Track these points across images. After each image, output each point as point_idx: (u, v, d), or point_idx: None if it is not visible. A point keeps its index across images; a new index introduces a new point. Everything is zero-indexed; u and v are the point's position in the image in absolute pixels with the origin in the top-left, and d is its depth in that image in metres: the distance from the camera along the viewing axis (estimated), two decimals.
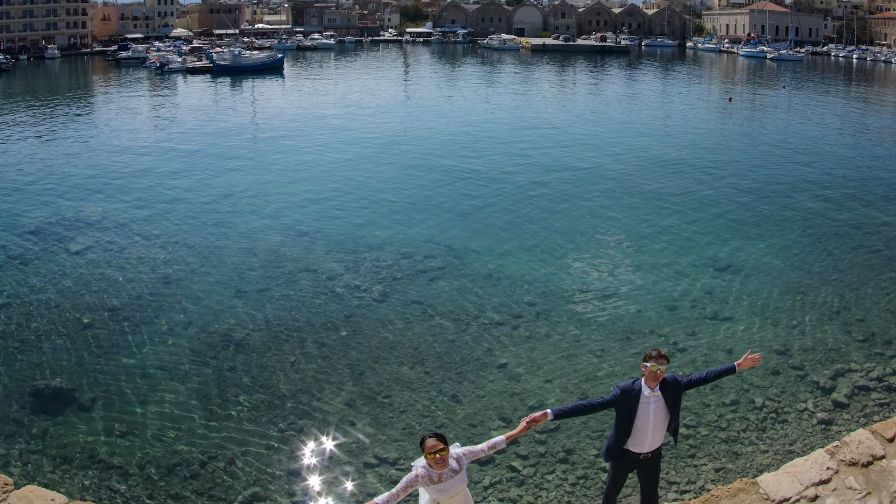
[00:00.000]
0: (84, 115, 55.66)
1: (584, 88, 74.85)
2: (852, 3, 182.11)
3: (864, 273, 21.54)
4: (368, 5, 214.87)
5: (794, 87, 76.56)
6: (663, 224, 26.48)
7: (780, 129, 49.33)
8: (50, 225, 26.48)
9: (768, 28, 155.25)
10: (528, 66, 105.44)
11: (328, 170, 35.69)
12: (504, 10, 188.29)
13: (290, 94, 68.87)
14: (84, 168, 36.39)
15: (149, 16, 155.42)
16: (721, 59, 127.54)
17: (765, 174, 34.89)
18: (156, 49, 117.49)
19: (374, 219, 27.22)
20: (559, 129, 47.72)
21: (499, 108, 58.27)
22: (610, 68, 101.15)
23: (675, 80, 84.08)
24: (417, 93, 69.84)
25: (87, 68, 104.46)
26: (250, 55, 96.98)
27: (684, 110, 57.91)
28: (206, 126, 49.16)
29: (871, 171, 35.64)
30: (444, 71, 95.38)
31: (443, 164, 36.56)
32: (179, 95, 68.51)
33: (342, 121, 50.91)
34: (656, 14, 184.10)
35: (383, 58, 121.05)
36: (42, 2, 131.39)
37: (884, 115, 57.99)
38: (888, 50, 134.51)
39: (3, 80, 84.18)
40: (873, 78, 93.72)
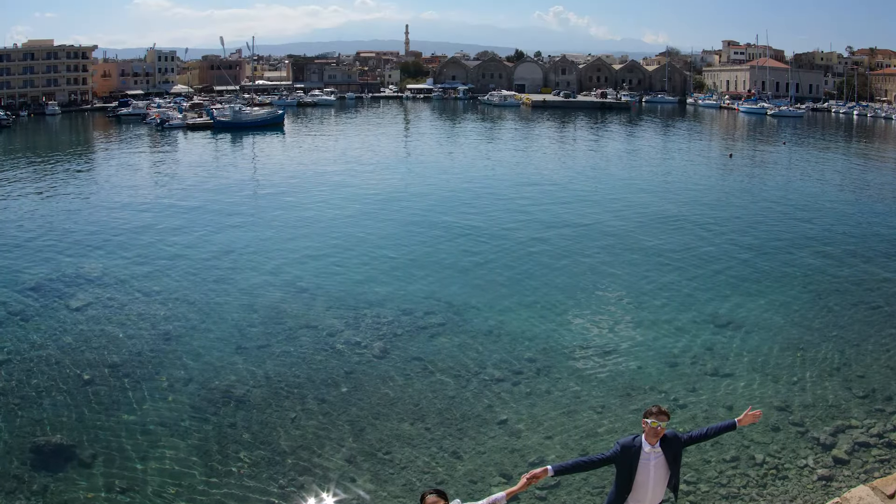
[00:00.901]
0: (85, 172, 56.89)
1: (585, 145, 76.50)
2: (853, 59, 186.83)
3: (864, 329, 22.01)
4: (369, 62, 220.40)
5: (794, 144, 78.22)
6: (664, 280, 27.06)
7: (781, 185, 50.40)
8: (50, 281, 27.07)
9: (769, 84, 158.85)
10: (528, 122, 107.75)
11: (329, 226, 36.48)
12: (504, 66, 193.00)
13: (291, 150, 70.40)
14: (84, 224, 37.20)
15: (149, 72, 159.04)
16: (722, 115, 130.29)
17: (765, 230, 35.66)
18: (156, 105, 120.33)
19: (375, 275, 27.83)
20: (560, 186, 48.77)
21: (499, 165, 59.55)
22: (610, 124, 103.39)
23: (676, 137, 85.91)
24: (418, 149, 71.38)
25: (87, 124, 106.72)
26: (251, 111, 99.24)
27: (685, 167, 59.16)
28: (207, 182, 50.25)
29: (871, 228, 36.41)
30: (444, 127, 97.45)
31: (443, 221, 37.36)
32: (180, 152, 70.03)
33: (343, 177, 52.06)
34: (657, 70, 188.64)
35: (384, 114, 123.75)
36: (42, 58, 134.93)
37: (884, 171, 59.23)
38: (888, 106, 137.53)
39: (3, 137, 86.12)
40: (874, 134, 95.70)
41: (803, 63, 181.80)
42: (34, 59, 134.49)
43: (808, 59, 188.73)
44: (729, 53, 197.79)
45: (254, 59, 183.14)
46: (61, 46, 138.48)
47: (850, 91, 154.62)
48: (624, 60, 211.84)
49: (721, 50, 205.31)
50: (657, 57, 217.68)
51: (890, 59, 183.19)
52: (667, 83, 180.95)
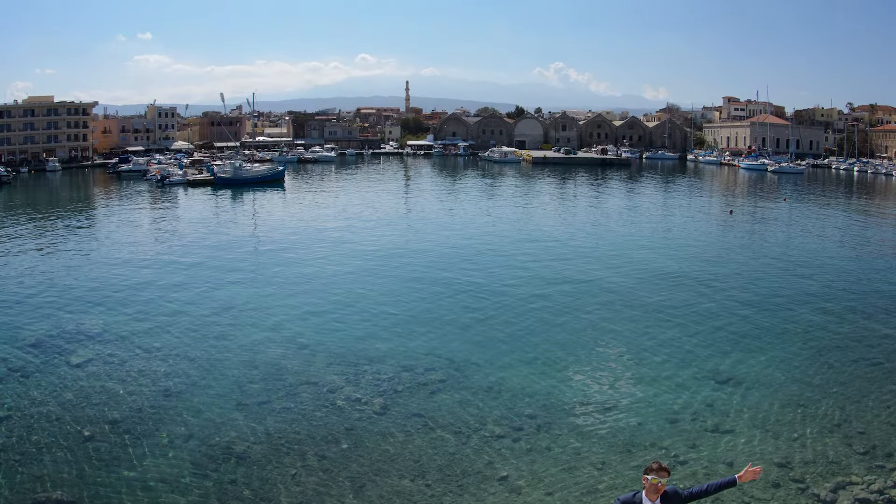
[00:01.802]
0: (85, 228, 57.82)
1: (585, 201, 77.72)
2: (853, 115, 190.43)
3: (865, 386, 22.36)
4: (369, 118, 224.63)
5: (795, 200, 79.46)
6: (664, 337, 27.49)
7: (781, 241, 51.18)
8: (51, 338, 27.52)
9: (769, 140, 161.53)
10: (529, 178, 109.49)
11: (329, 282, 37.05)
12: (505, 122, 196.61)
13: (292, 206, 71.56)
14: (85, 281, 37.79)
15: (150, 128, 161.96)
16: (722, 171, 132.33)
17: (766, 287, 36.22)
18: (157, 162, 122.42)
19: (375, 331, 28.28)
20: (560, 242, 49.54)
21: (500, 221, 60.50)
22: (611, 181, 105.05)
23: (677, 193, 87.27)
24: (418, 205, 72.52)
25: (87, 181, 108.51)
26: (251, 168, 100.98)
27: (685, 223, 60.09)
28: (207, 239, 51.06)
29: (871, 284, 36.97)
30: (444, 183, 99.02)
31: (444, 277, 37.96)
32: (180, 208, 71.18)
33: (343, 233, 52.91)
34: (657, 127, 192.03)
35: (384, 170, 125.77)
36: (43, 114, 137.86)
37: (884, 227, 60.13)
38: (889, 163, 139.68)
39: (4, 193, 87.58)
40: (874, 191, 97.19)
41: (804, 119, 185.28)
42: (35, 115, 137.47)
43: (809, 115, 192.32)
44: (729, 109, 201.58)
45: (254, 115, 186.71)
46: (62, 103, 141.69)
47: (851, 147, 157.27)
48: (624, 117, 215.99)
49: (721, 106, 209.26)
50: (658, 113, 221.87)
51: (890, 115, 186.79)
52: (667, 139, 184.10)
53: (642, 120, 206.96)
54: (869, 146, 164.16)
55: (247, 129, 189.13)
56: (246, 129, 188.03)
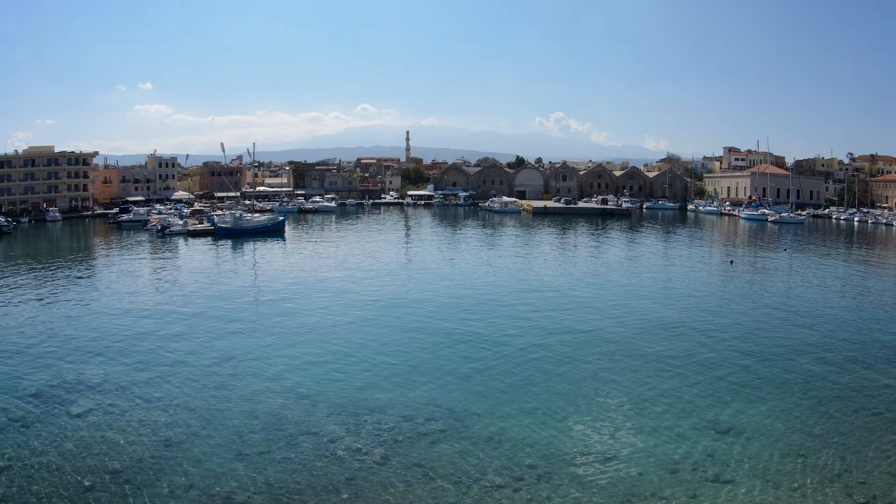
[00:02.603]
0: (85, 278, 58.34)
1: (586, 251, 78.40)
2: (854, 165, 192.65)
3: (865, 436, 22.61)
4: (370, 168, 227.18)
5: (795, 250, 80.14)
6: (665, 387, 27.78)
7: (782, 291, 51.66)
8: (51, 387, 27.83)
9: (769, 191, 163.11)
10: (529, 228, 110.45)
11: (329, 332, 37.42)
12: (505, 172, 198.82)
13: (292, 256, 72.18)
14: (85, 331, 38.19)
15: (150, 178, 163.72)
16: (722, 221, 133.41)
17: (766, 337, 36.59)
18: (157, 212, 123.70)
19: (376, 381, 28.59)
20: (560, 292, 50.01)
21: (500, 271, 61.07)
22: (611, 231, 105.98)
23: (677, 243, 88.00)
24: (419, 255, 73.15)
25: (88, 231, 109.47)
26: (251, 218, 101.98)
27: (686, 273, 60.63)
28: (208, 289, 51.55)
29: (872, 334, 37.32)
30: (445, 234, 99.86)
31: (444, 327, 38.35)
32: (181, 258, 71.81)
33: (343, 283, 53.43)
34: (657, 177, 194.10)
35: (385, 220, 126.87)
36: (43, 164, 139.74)
37: (885, 277, 60.63)
38: (889, 213, 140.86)
39: (4, 243, 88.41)
40: (875, 241, 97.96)
41: (804, 169, 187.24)
42: (35, 165, 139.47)
43: (809, 165, 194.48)
44: (730, 160, 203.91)
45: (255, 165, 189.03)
46: (62, 153, 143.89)
47: (851, 197, 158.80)
48: (625, 167, 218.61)
49: (722, 156, 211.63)
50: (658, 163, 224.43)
51: (891, 165, 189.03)
52: (668, 189, 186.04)
53: (643, 170, 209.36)
54: (869, 196, 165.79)
55: (247, 179, 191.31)
56: (246, 180, 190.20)
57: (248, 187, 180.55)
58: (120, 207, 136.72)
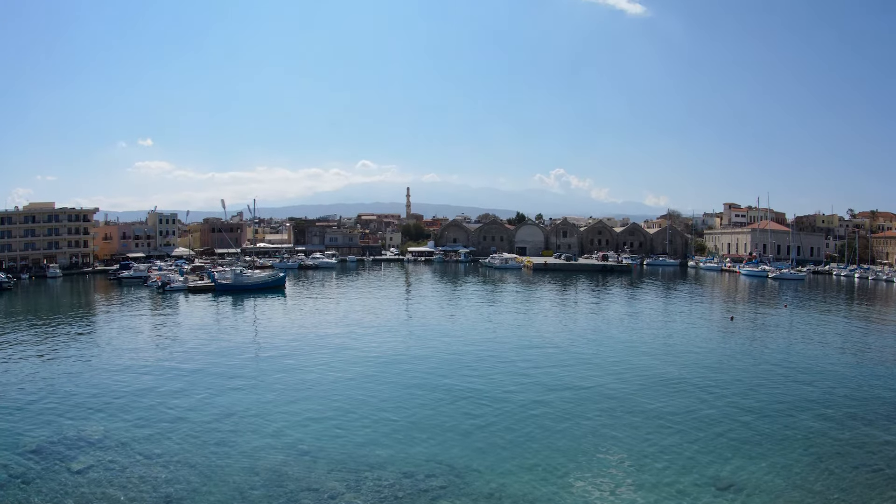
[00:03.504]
0: (86, 334, 58.63)
1: (586, 307, 78.75)
2: (854, 222, 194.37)
3: (865, 493, 22.76)
4: (370, 224, 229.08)
5: (795, 307, 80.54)
6: (665, 443, 27.96)
7: (782, 348, 51.91)
8: (52, 444, 28.02)
9: (770, 247, 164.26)
10: (529, 284, 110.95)
11: (330, 389, 37.64)
12: (506, 228, 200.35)
13: (292, 313, 72.53)
14: (86, 387, 38.42)
15: (150, 235, 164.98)
16: (723, 277, 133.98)
17: (766, 393, 36.80)
18: (157, 268, 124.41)
19: (376, 437, 28.78)
20: (561, 349, 50.30)
21: (501, 327, 61.37)
22: (612, 287, 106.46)
23: (677, 300, 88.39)
24: (419, 312, 73.51)
25: (88, 287, 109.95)
26: (252, 274, 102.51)
27: (686, 329, 60.93)
28: (208, 345, 51.85)
29: (872, 391, 37.54)
30: (445, 290, 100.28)
31: (444, 383, 38.58)
32: (181, 314, 72.15)
33: (344, 340, 53.74)
34: (658, 233, 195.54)
35: (385, 277, 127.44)
36: (44, 220, 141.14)
37: (885, 334, 60.91)
38: (890, 269, 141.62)
39: (4, 299, 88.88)
40: (875, 297, 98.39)
41: (804, 226, 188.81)
42: (35, 221, 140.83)
43: (810, 221, 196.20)
44: (730, 216, 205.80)
45: (255, 221, 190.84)
46: (63, 209, 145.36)
47: (852, 254, 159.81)
48: (625, 223, 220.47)
49: (722, 212, 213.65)
50: (658, 219, 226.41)
51: (891, 221, 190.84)
52: (668, 246, 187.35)
53: (643, 226, 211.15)
54: (870, 252, 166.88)
55: (248, 235, 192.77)
56: (247, 236, 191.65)
57: (248, 244, 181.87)
58: (120, 264, 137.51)
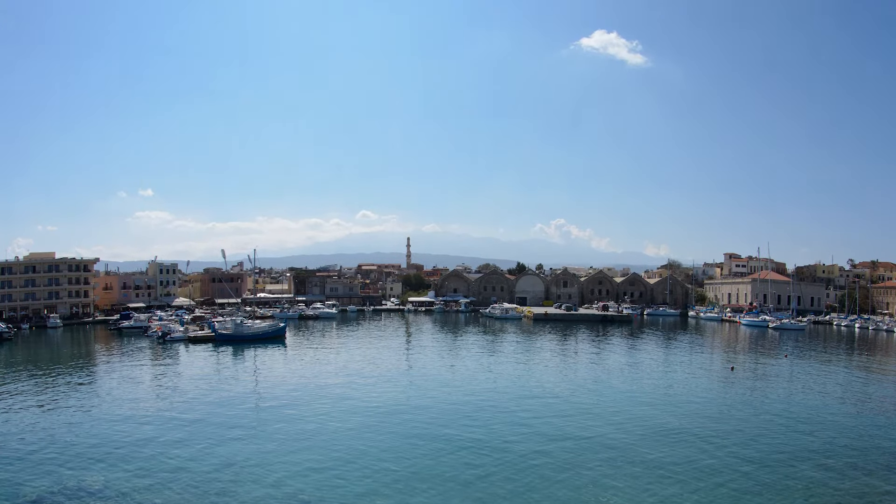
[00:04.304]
0: (86, 384, 58.69)
1: (586, 357, 78.78)
2: (854, 272, 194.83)
3: None
4: (370, 274, 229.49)
5: (796, 357, 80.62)
6: (666, 493, 28.03)
7: (783, 398, 51.97)
8: (52, 494, 28.11)
9: (770, 297, 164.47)
10: (530, 335, 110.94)
11: (330, 439, 37.72)
12: (506, 278, 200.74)
13: (293, 363, 72.61)
14: (86, 437, 38.51)
15: (151, 285, 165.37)
16: (723, 328, 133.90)
17: (767, 443, 36.87)
18: (158, 318, 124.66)
19: (377, 488, 28.85)
20: (561, 399, 50.38)
21: (501, 377, 61.44)
22: (612, 337, 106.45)
23: (678, 350, 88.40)
24: (419, 362, 73.57)
25: (89, 337, 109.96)
26: (252, 324, 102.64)
27: (686, 379, 60.99)
28: (208, 395, 51.92)
29: (873, 441, 37.60)
30: (446, 340, 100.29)
31: (445, 433, 38.65)
32: (181, 364, 72.22)
33: (344, 390, 53.82)
34: (658, 283, 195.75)
35: (385, 327, 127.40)
36: (44, 271, 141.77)
37: (885, 384, 60.97)
38: (890, 319, 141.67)
39: (5, 349, 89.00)
40: (875, 347, 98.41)
41: (805, 276, 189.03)
42: (36, 271, 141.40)
43: (810, 271, 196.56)
44: (730, 266, 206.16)
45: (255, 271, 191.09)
46: (63, 259, 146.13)
47: (852, 304, 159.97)
48: (625, 273, 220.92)
49: (722, 262, 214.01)
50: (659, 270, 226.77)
51: (891, 271, 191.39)
52: (668, 296, 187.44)
53: (643, 276, 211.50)
54: (870, 303, 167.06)
55: (248, 285, 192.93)
56: (247, 286, 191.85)
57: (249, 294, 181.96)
58: (121, 314, 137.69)
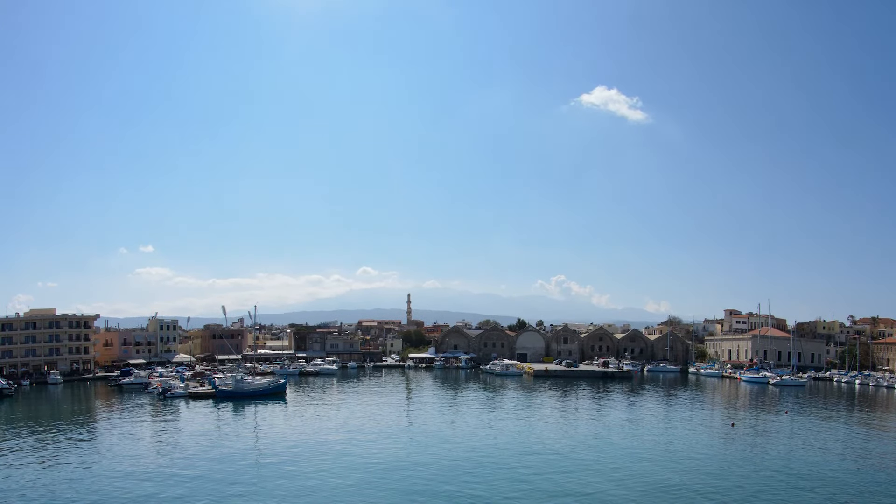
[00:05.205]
0: (86, 441, 58.52)
1: (587, 414, 78.50)
2: (855, 328, 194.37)
3: None
4: (371, 331, 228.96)
5: (796, 413, 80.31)
6: None
7: (783, 454, 51.81)
8: None
9: (771, 353, 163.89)
10: (530, 391, 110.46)
11: (331, 495, 37.67)
12: (506, 335, 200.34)
13: (293, 419, 72.37)
14: (86, 493, 38.48)
15: (151, 341, 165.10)
16: (724, 384, 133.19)
17: (767, 499, 36.85)
18: (158, 374, 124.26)
19: None
20: (562, 455, 50.26)
21: (501, 434, 61.26)
22: (612, 394, 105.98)
23: (678, 406, 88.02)
24: (420, 418, 73.31)
25: (89, 393, 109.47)
26: (253, 380, 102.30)
27: (687, 436, 60.78)
28: (209, 451, 51.79)
29: (874, 497, 37.55)
30: (446, 396, 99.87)
31: (445, 490, 38.61)
32: (182, 421, 71.97)
33: (345, 446, 53.70)
34: (659, 339, 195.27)
35: (386, 383, 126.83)
36: (45, 327, 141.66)
37: (886, 440, 60.74)
38: (890, 375, 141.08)
39: (5, 406, 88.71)
40: (876, 403, 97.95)
41: (805, 332, 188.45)
42: (36, 328, 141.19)
43: (811, 328, 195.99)
44: (731, 322, 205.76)
45: (256, 327, 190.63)
46: (63, 315, 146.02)
47: (853, 360, 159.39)
48: (626, 329, 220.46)
49: (723, 319, 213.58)
50: (659, 326, 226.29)
51: (891, 328, 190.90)
52: (669, 352, 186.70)
53: (644, 333, 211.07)
54: (870, 359, 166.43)
55: (248, 341, 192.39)
56: (248, 342, 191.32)
57: (249, 350, 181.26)
58: (121, 370, 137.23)
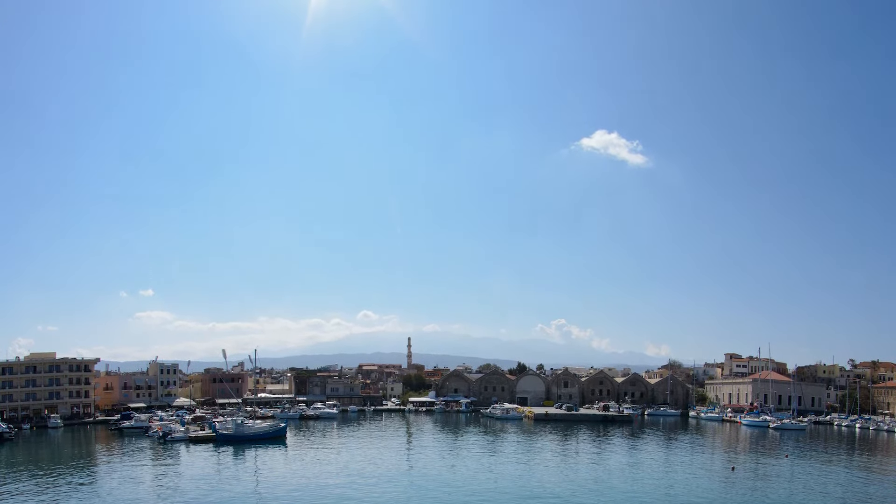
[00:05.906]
0: (87, 485, 58.37)
1: (587, 457, 78.22)
2: (855, 372, 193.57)
3: None
4: (371, 374, 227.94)
5: (796, 457, 79.97)
6: None
7: (783, 498, 51.72)
8: None
9: (771, 397, 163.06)
10: (530, 435, 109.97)
11: None
12: (507, 379, 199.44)
13: (293, 463, 72.15)
14: None
15: (151, 385, 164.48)
16: (724, 428, 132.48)
17: None
18: (158, 418, 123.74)
19: None
20: (562, 499, 50.20)
21: (502, 477, 61.10)
22: (613, 437, 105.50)
23: (678, 450, 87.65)
24: (420, 462, 73.07)
25: (89, 437, 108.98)
26: (253, 424, 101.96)
27: (687, 479, 60.61)
28: (209, 495, 51.72)
29: None
30: (446, 440, 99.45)
31: None
32: (182, 465, 71.74)
33: (345, 490, 53.62)
34: (659, 383, 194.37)
35: (386, 427, 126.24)
36: (45, 371, 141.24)
37: (886, 484, 60.50)
38: (891, 419, 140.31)
39: (6, 450, 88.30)
40: (876, 447, 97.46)
41: (806, 376, 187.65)
42: (37, 371, 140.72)
43: (811, 371, 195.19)
44: (731, 366, 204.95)
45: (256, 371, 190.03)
46: (63, 359, 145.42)
47: (853, 404, 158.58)
48: (626, 373, 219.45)
49: (723, 362, 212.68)
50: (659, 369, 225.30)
51: (892, 371, 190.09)
52: (669, 396, 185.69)
53: (644, 376, 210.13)
54: (871, 403, 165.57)
55: (249, 385, 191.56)
56: (248, 386, 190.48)
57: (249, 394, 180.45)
58: (122, 414, 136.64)
